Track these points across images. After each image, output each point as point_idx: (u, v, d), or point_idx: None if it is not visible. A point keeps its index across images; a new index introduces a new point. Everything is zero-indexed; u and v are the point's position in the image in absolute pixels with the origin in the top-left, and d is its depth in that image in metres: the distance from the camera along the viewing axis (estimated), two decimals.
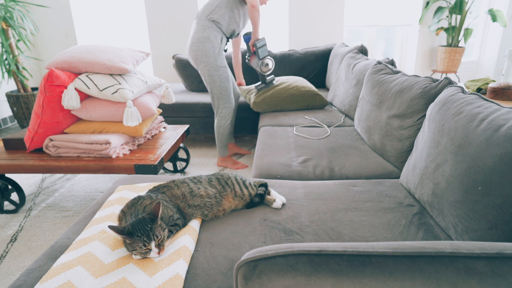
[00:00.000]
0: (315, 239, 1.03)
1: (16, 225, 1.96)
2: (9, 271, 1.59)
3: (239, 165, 2.64)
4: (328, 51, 3.44)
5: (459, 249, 0.56)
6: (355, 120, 2.09)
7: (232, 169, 2.63)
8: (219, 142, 2.62)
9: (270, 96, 2.62)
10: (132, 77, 2.09)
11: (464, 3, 4.06)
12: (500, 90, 2.15)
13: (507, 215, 0.82)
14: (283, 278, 0.55)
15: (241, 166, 2.64)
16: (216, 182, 1.21)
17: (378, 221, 1.11)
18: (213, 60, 2.40)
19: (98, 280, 0.86)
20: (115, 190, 1.35)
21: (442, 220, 1.05)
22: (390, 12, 4.40)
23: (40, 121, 1.91)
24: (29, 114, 3.61)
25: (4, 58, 3.38)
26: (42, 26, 3.94)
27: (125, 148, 1.99)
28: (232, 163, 2.66)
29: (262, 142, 1.96)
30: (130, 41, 4.30)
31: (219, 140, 2.61)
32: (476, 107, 1.06)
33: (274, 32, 4.10)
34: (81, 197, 2.26)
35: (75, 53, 1.99)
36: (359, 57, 2.48)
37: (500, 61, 4.71)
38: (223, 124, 2.56)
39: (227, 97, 2.51)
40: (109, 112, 1.97)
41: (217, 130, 2.59)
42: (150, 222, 0.93)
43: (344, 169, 1.59)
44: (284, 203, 1.22)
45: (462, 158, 0.98)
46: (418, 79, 1.56)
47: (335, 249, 0.57)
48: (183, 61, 3.39)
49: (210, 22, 2.38)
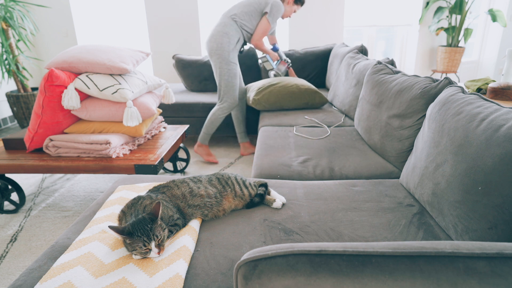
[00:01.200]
0: (315, 239, 1.03)
1: (16, 225, 1.96)
2: (9, 271, 1.59)
3: (211, 158, 2.75)
4: (328, 51, 3.44)
5: (459, 249, 0.56)
6: (355, 120, 2.09)
7: (204, 160, 2.77)
8: (205, 129, 2.72)
9: (269, 93, 2.63)
10: (132, 77, 2.09)
11: (464, 3, 4.06)
12: (500, 90, 2.15)
13: (507, 215, 0.82)
14: (283, 278, 0.55)
15: (213, 160, 2.75)
16: (216, 182, 1.21)
17: (378, 221, 1.11)
18: (226, 54, 2.53)
19: (98, 280, 0.86)
20: (115, 190, 1.35)
21: (442, 220, 1.05)
22: (390, 12, 4.40)
23: (40, 121, 1.91)
24: (29, 114, 3.61)
25: (4, 58, 3.38)
26: (42, 26, 3.94)
27: (125, 148, 1.99)
28: (207, 154, 2.77)
29: (262, 142, 1.96)
30: (130, 41, 4.30)
31: (206, 126, 2.71)
32: (476, 107, 1.06)
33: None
34: (81, 197, 2.26)
35: (75, 53, 1.99)
36: (359, 57, 2.48)
37: (500, 61, 4.71)
38: (218, 114, 2.66)
39: (232, 92, 2.61)
40: (109, 112, 1.97)
41: (210, 117, 2.69)
42: (150, 222, 0.93)
43: (344, 169, 1.59)
44: (284, 203, 1.22)
45: (462, 158, 0.98)
46: (418, 79, 1.56)
47: (335, 249, 0.57)
48: (183, 61, 3.39)
49: (233, 21, 2.53)
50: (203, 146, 2.78)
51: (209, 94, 3.26)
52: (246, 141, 2.92)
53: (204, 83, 3.41)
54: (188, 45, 3.94)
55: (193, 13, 3.86)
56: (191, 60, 3.41)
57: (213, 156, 2.78)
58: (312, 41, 4.01)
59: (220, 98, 2.66)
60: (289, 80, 2.72)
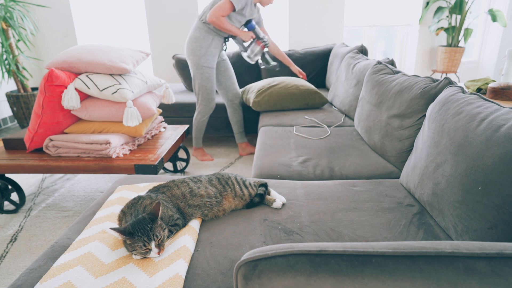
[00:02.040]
0: (315, 239, 1.03)
1: (16, 225, 1.96)
2: (9, 271, 1.59)
3: (206, 157, 2.83)
4: (328, 51, 3.44)
5: (459, 249, 0.56)
6: (355, 120, 2.09)
7: (199, 160, 2.82)
8: (194, 133, 2.81)
9: (269, 94, 2.63)
10: (132, 77, 2.09)
11: (464, 3, 4.06)
12: (500, 90, 2.15)
13: (507, 215, 0.82)
14: (283, 278, 0.55)
15: (208, 159, 2.82)
16: (216, 181, 1.21)
17: (378, 221, 1.11)
18: (197, 59, 2.53)
19: (98, 280, 0.86)
20: (115, 190, 1.35)
21: (442, 220, 1.05)
22: (390, 12, 4.40)
23: (40, 121, 1.91)
24: (29, 114, 3.61)
25: (4, 58, 3.38)
26: (42, 26, 3.94)
27: (125, 148, 1.99)
28: (201, 155, 2.84)
29: (262, 142, 1.96)
30: (130, 41, 4.30)
31: (194, 131, 2.80)
32: (476, 107, 1.06)
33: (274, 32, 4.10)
34: (81, 197, 2.26)
35: (75, 53, 1.99)
36: (359, 57, 2.48)
37: (500, 61, 4.71)
38: (199, 118, 2.72)
39: (205, 95, 2.64)
40: (109, 112, 1.97)
41: (193, 123, 2.77)
42: (150, 222, 0.93)
43: (344, 169, 1.59)
44: (284, 203, 1.22)
45: (462, 158, 0.98)
46: (418, 79, 1.56)
47: (335, 249, 0.57)
48: (183, 61, 3.39)
49: (202, 24, 2.49)
50: (198, 149, 2.85)
51: None
52: (243, 142, 2.92)
53: None
54: None
55: (193, 13, 3.86)
56: None
57: (207, 155, 2.84)
58: (312, 41, 4.01)
59: (197, 102, 2.69)
60: (289, 81, 2.72)
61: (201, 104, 2.66)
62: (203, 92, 2.62)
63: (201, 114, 2.70)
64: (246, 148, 2.92)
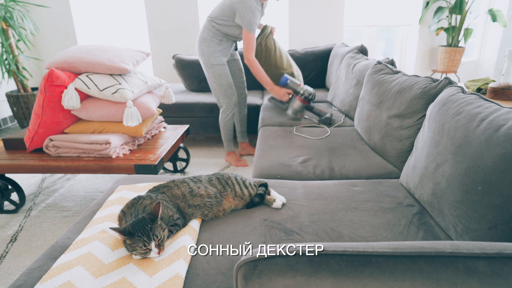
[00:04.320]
0: (315, 239, 1.03)
1: (16, 225, 1.96)
2: (9, 271, 1.59)
3: (241, 162, 2.72)
4: (328, 51, 3.44)
5: (459, 249, 0.56)
6: (355, 120, 2.09)
7: (234, 166, 2.71)
8: (222, 136, 2.73)
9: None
10: (132, 77, 2.09)
11: (464, 3, 4.05)
12: (500, 90, 2.15)
13: (507, 215, 0.82)
14: (283, 278, 0.55)
15: (242, 165, 2.72)
16: (216, 181, 1.21)
17: (378, 221, 1.11)
18: (206, 59, 2.51)
19: (98, 280, 0.86)
20: (115, 190, 1.35)
21: (442, 220, 1.05)
22: (390, 12, 4.40)
23: (40, 121, 1.91)
24: (29, 114, 3.61)
25: (4, 58, 3.38)
26: (42, 26, 3.93)
27: (125, 148, 1.99)
28: (235, 160, 2.75)
29: (262, 142, 1.96)
30: (130, 41, 4.30)
31: (222, 134, 2.72)
32: (476, 107, 1.05)
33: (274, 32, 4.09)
34: (81, 197, 2.26)
35: (75, 53, 1.99)
36: (359, 57, 2.48)
37: (500, 61, 4.70)
38: (223, 118, 2.66)
39: (223, 92, 2.58)
40: (109, 112, 1.97)
41: (220, 124, 2.70)
42: (150, 222, 0.93)
43: (344, 169, 1.59)
44: (284, 203, 1.22)
45: (462, 158, 0.98)
46: (418, 79, 1.56)
47: (335, 249, 0.57)
48: (183, 61, 3.39)
49: (210, 24, 2.49)
50: (230, 154, 2.77)
51: (209, 94, 3.25)
52: (244, 141, 2.92)
53: (204, 83, 3.41)
54: (188, 45, 3.93)
55: (193, 13, 3.86)
56: (191, 60, 3.40)
57: (242, 161, 2.75)
58: (312, 41, 4.01)
59: (218, 102, 2.65)
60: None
61: (222, 102, 2.61)
62: (220, 89, 2.57)
63: (225, 113, 2.63)
64: (246, 148, 2.91)
